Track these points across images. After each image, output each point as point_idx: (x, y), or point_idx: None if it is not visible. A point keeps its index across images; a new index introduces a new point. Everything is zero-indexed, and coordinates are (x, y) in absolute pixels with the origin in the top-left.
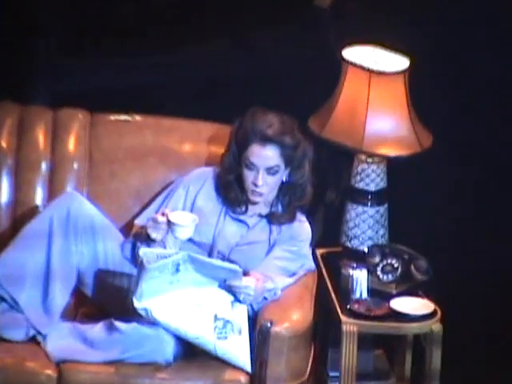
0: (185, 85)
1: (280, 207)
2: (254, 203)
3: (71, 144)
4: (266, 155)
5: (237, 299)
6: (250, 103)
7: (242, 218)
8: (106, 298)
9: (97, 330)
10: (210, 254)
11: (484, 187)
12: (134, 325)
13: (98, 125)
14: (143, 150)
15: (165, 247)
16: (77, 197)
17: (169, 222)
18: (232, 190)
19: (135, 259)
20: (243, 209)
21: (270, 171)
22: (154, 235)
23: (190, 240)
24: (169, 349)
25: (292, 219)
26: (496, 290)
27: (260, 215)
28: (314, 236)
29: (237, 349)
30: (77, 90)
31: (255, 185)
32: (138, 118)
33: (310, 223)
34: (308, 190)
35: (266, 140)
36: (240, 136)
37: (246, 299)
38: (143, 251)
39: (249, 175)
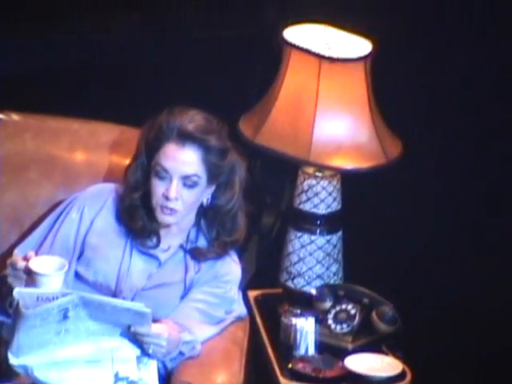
0: (78, 74)
1: (204, 241)
2: (165, 227)
3: None
4: (183, 158)
5: (145, 353)
6: (163, 101)
7: (152, 251)
8: None
9: None
10: None
11: (469, 208)
12: None
13: None
14: (22, 160)
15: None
16: None
17: (28, 271)
18: (138, 218)
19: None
20: (154, 241)
21: (187, 182)
22: (15, 286)
23: (87, 283)
24: None
25: (222, 254)
26: (485, 346)
27: (179, 247)
28: (245, 274)
29: None
30: None
31: (166, 198)
32: (14, 116)
33: (239, 257)
34: (240, 221)
35: (184, 137)
36: (151, 139)
37: (156, 352)
38: (19, 292)
39: (158, 186)
